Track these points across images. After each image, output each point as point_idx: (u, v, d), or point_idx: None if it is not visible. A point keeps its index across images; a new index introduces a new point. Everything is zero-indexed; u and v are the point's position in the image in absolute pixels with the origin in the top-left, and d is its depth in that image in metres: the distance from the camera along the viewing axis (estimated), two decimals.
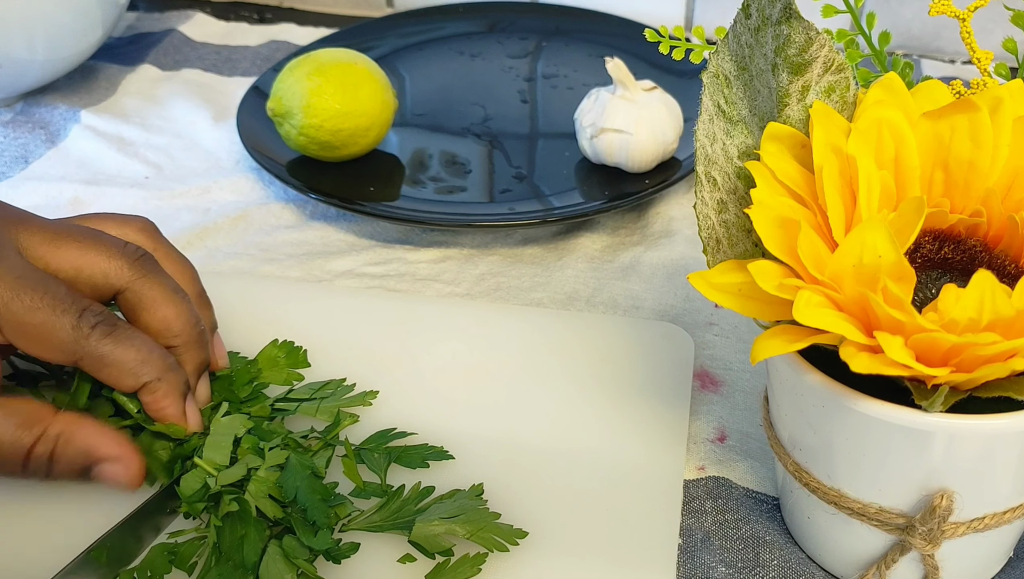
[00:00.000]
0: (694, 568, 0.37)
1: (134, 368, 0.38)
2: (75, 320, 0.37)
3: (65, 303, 0.37)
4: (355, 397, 0.43)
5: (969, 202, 0.33)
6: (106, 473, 0.37)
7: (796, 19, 0.32)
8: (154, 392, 0.38)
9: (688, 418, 0.43)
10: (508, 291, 0.51)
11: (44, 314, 0.36)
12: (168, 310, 0.39)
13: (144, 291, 0.39)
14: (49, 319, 0.36)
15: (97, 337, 0.37)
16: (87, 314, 0.37)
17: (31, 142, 0.64)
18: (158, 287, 0.39)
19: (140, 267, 0.39)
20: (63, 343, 0.37)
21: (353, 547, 0.37)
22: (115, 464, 0.37)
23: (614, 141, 0.55)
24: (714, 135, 0.35)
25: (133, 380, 0.38)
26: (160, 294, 0.39)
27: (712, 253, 0.35)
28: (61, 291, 0.37)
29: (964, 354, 0.28)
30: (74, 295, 0.37)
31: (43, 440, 0.37)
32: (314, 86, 0.55)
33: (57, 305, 0.37)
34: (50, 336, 0.36)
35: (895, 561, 0.34)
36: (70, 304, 0.37)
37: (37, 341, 0.37)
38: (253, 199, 0.59)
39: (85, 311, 0.37)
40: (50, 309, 0.36)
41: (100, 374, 0.38)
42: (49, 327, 0.36)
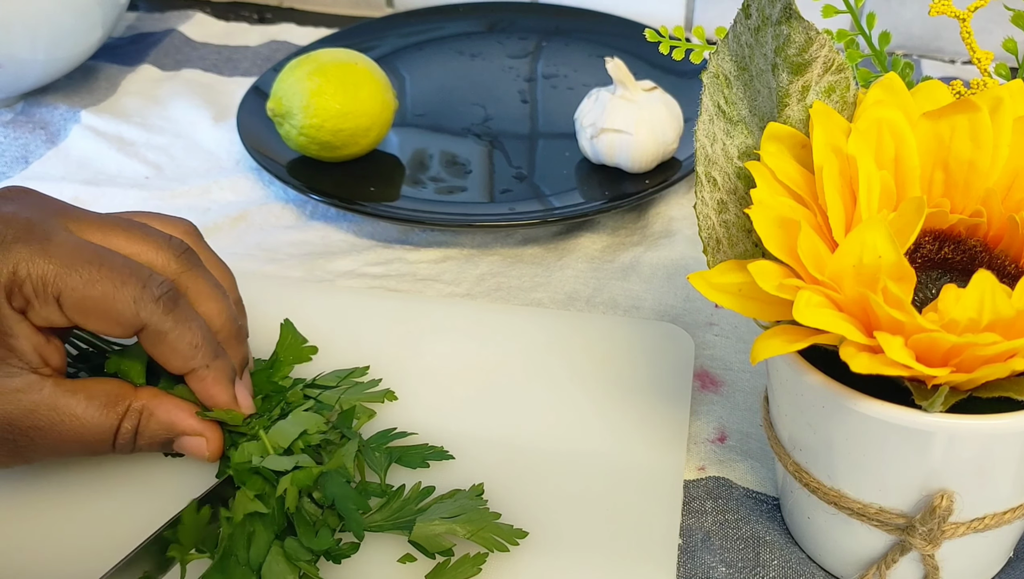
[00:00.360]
0: (694, 568, 0.37)
1: (187, 351, 0.38)
2: (139, 290, 0.36)
3: (125, 273, 0.36)
4: (376, 393, 0.43)
5: (969, 202, 0.33)
6: (188, 446, 0.38)
7: (796, 19, 0.32)
8: (203, 379, 0.38)
9: (688, 418, 0.43)
10: (508, 291, 0.51)
11: (105, 286, 0.36)
12: (211, 305, 0.39)
13: (189, 284, 0.39)
14: (110, 290, 0.36)
15: (162, 309, 0.37)
16: (151, 284, 0.37)
17: (31, 142, 0.64)
18: (202, 282, 0.39)
19: (186, 261, 0.39)
20: (125, 315, 0.36)
21: (353, 547, 0.37)
22: (196, 437, 0.38)
23: (614, 141, 0.55)
24: (714, 135, 0.35)
25: (183, 363, 0.38)
26: (204, 289, 0.39)
27: (712, 253, 0.35)
28: (119, 261, 0.37)
29: (964, 354, 0.28)
30: (135, 265, 0.37)
31: (128, 416, 0.38)
32: (314, 86, 0.55)
33: (117, 276, 0.36)
34: (113, 307, 0.36)
35: (895, 561, 0.34)
36: (130, 274, 0.36)
37: (99, 314, 0.36)
38: (253, 199, 0.59)
39: (149, 280, 0.37)
40: (111, 280, 0.36)
41: (155, 348, 0.37)
42: (111, 298, 0.36)
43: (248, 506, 0.36)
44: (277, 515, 0.36)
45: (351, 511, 0.37)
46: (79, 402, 0.37)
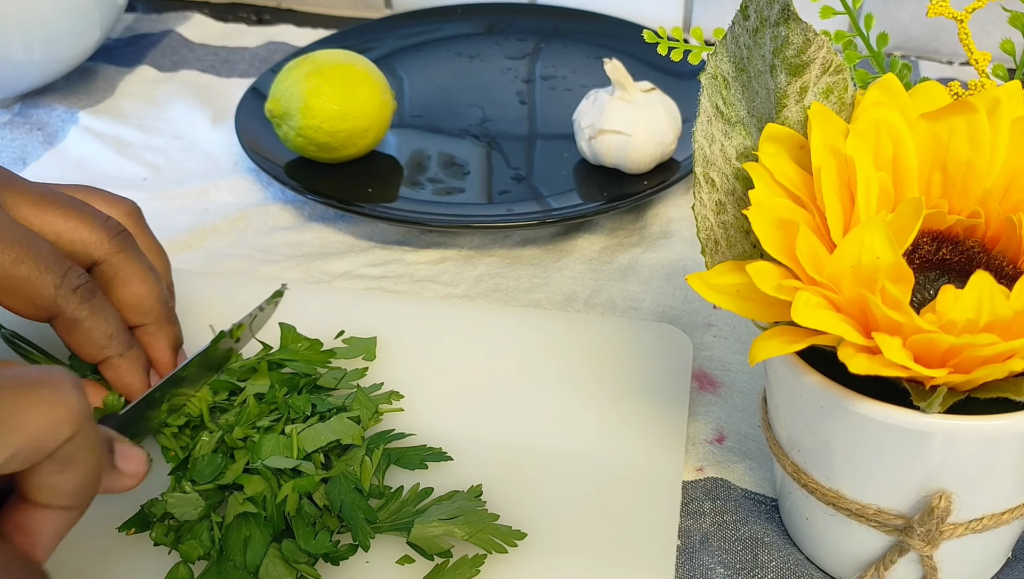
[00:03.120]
0: (693, 569, 0.37)
1: (101, 340, 0.39)
2: (59, 278, 0.37)
3: (49, 260, 0.37)
4: (381, 396, 0.43)
5: (967, 203, 0.33)
6: None
7: (794, 20, 0.32)
8: (116, 368, 0.39)
9: (686, 419, 0.43)
10: (506, 292, 0.51)
11: (28, 268, 0.37)
12: (142, 287, 0.40)
13: (121, 265, 0.40)
14: (33, 274, 0.37)
15: (77, 300, 0.38)
16: (70, 274, 0.38)
17: (29, 143, 0.64)
18: (135, 263, 0.40)
19: (120, 242, 0.40)
20: (43, 299, 0.37)
21: (351, 549, 0.37)
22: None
23: (612, 142, 0.55)
24: (712, 136, 0.35)
25: (97, 352, 0.39)
26: (136, 271, 0.40)
27: (710, 254, 0.35)
28: (45, 248, 0.38)
29: (962, 355, 0.28)
30: (58, 254, 0.38)
31: None
32: (312, 87, 0.55)
33: (42, 261, 0.37)
34: (32, 291, 0.37)
35: (893, 562, 0.34)
36: (54, 262, 0.37)
37: (17, 294, 0.37)
38: (251, 200, 0.59)
39: (69, 271, 0.38)
40: (34, 264, 0.37)
41: (68, 336, 0.38)
42: (32, 282, 0.37)
43: (238, 507, 0.36)
44: (275, 517, 0.36)
45: (359, 520, 0.36)
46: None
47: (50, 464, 0.28)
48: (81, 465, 0.29)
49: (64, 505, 0.29)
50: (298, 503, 0.36)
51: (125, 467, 0.32)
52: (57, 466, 0.28)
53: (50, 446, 0.28)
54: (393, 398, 0.43)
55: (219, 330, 0.43)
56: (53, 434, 0.27)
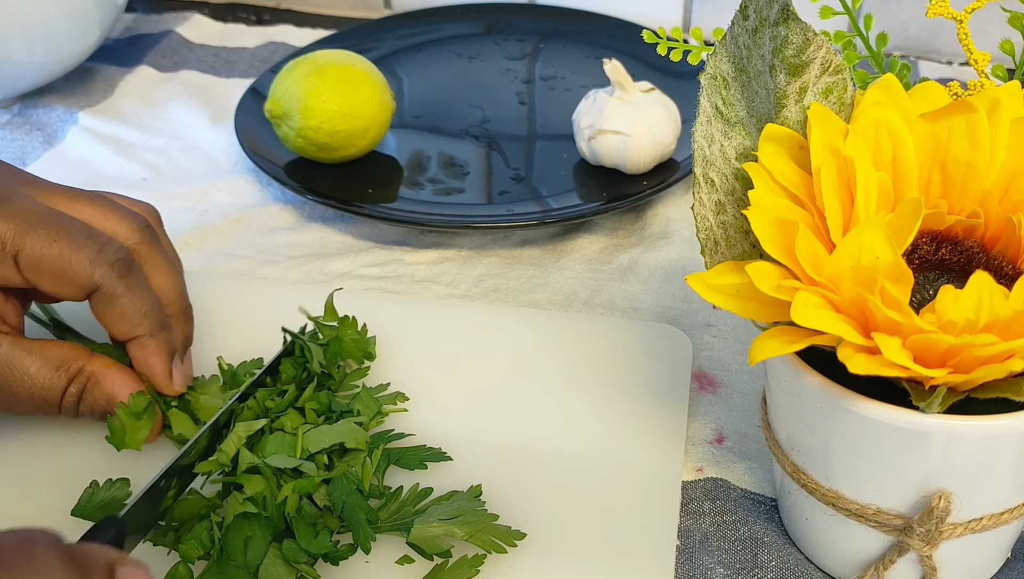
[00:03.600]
0: (692, 569, 0.37)
1: (135, 318, 0.39)
2: (95, 253, 0.37)
3: (83, 236, 0.37)
4: (387, 397, 0.43)
5: (967, 203, 0.33)
6: None
7: (794, 20, 0.32)
8: (144, 347, 0.39)
9: (686, 419, 0.43)
10: (506, 292, 0.51)
11: (62, 246, 0.37)
12: (166, 279, 0.40)
13: (148, 256, 0.40)
14: (66, 251, 0.37)
15: (115, 274, 0.38)
16: (107, 248, 0.38)
17: (28, 144, 0.64)
18: (159, 256, 0.41)
19: (147, 234, 0.40)
20: (79, 276, 0.37)
21: (351, 549, 0.37)
22: None
23: (612, 142, 0.55)
24: (712, 136, 0.35)
25: (129, 329, 0.39)
26: (161, 262, 0.40)
27: (710, 254, 0.35)
28: (78, 225, 0.38)
29: (962, 355, 0.28)
30: (92, 230, 0.38)
31: (76, 381, 0.38)
32: (312, 88, 0.55)
33: (75, 237, 0.37)
34: (67, 268, 0.37)
35: (893, 562, 0.34)
36: (87, 237, 0.37)
37: (53, 274, 0.37)
38: (251, 201, 0.59)
39: (106, 245, 0.38)
40: (68, 241, 0.37)
41: (103, 312, 0.38)
42: (67, 258, 0.37)
43: (238, 507, 0.36)
44: (275, 517, 0.36)
45: (360, 521, 0.36)
46: (33, 361, 0.38)
47: None
48: None
49: None
50: (298, 503, 0.36)
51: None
52: None
53: None
54: (399, 399, 0.43)
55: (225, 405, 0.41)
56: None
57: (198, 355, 0.45)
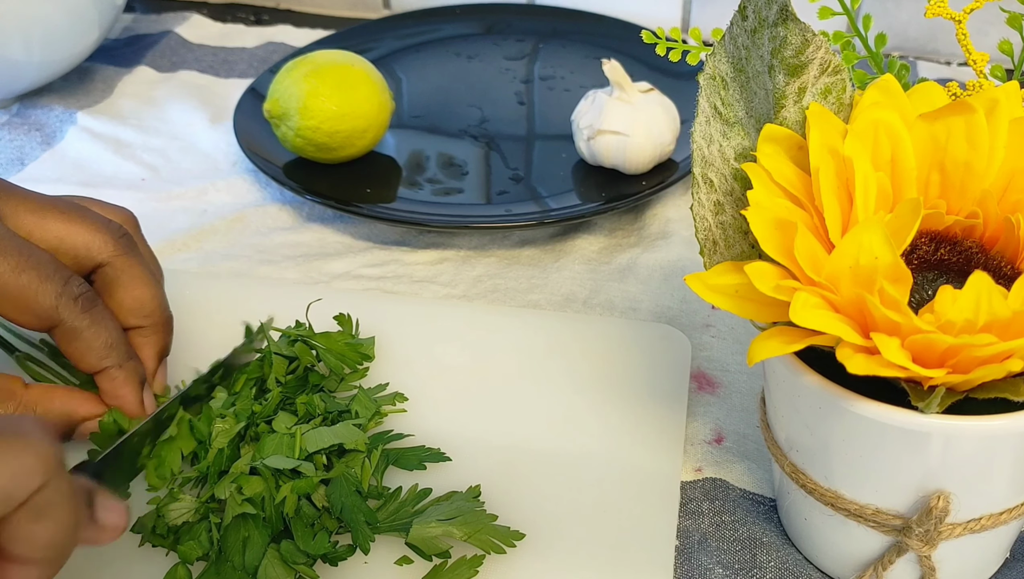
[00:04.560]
0: (691, 570, 0.37)
1: (101, 350, 0.38)
2: (60, 287, 0.37)
3: (50, 269, 0.37)
4: (386, 397, 0.43)
5: (965, 204, 0.33)
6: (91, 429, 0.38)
7: (792, 21, 0.32)
8: (113, 379, 0.39)
9: (685, 420, 0.43)
10: (505, 293, 0.51)
11: (29, 277, 0.37)
12: (144, 290, 0.40)
13: (124, 268, 0.40)
14: (33, 283, 0.37)
15: (78, 309, 0.38)
16: (71, 283, 0.38)
17: (27, 144, 0.64)
18: (137, 266, 0.40)
19: (123, 244, 0.40)
20: (44, 309, 0.37)
21: (349, 550, 0.37)
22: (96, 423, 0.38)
23: (611, 143, 0.55)
24: (711, 137, 0.35)
25: (96, 361, 0.39)
26: (139, 273, 0.40)
27: (709, 255, 0.35)
28: (46, 257, 0.38)
29: (960, 355, 0.28)
30: (58, 263, 0.38)
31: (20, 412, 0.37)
32: (311, 88, 0.55)
33: (42, 270, 0.37)
34: (32, 300, 0.37)
35: (892, 562, 0.34)
36: (54, 271, 0.37)
37: (17, 303, 0.37)
38: (250, 201, 0.59)
39: (70, 280, 0.38)
40: (35, 272, 0.37)
41: (68, 346, 0.38)
42: (33, 291, 0.37)
43: (237, 508, 0.36)
44: (274, 518, 0.36)
45: (359, 523, 0.36)
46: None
47: (23, 514, 0.27)
48: (56, 515, 0.28)
49: (40, 557, 0.28)
50: (297, 504, 0.36)
51: (105, 520, 0.30)
52: (30, 516, 0.27)
53: (20, 495, 0.26)
54: (397, 400, 0.43)
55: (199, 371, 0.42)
56: (23, 483, 0.26)
57: (197, 355, 0.45)
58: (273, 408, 0.41)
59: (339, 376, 0.44)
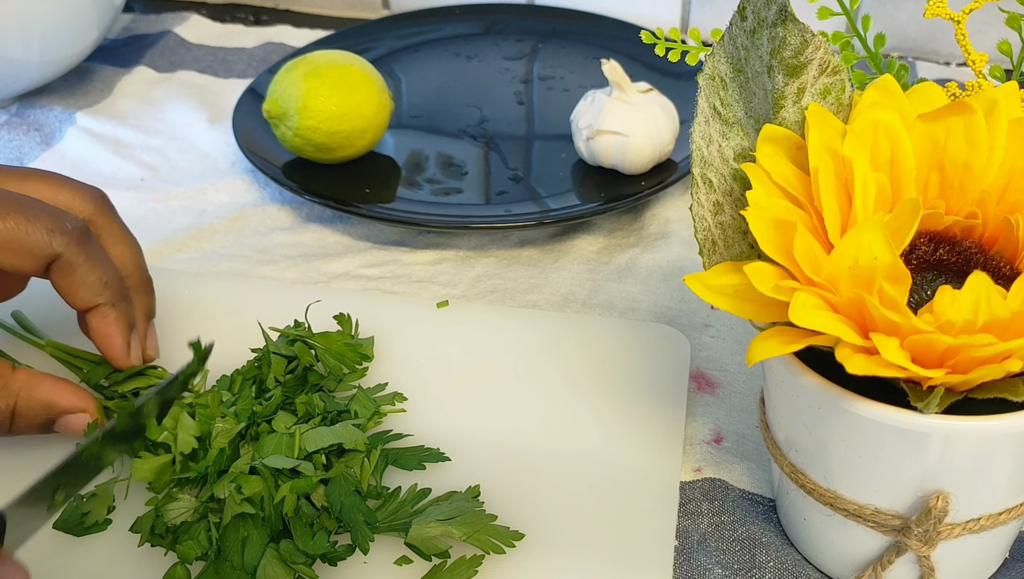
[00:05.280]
0: (690, 570, 0.37)
1: (96, 285, 0.38)
2: (51, 223, 0.37)
3: (37, 209, 0.37)
4: (385, 397, 0.43)
5: (964, 204, 0.33)
6: (71, 424, 0.38)
7: (792, 21, 0.32)
8: (105, 316, 0.39)
9: (684, 420, 0.43)
10: (504, 293, 0.51)
11: (17, 219, 0.36)
12: (123, 249, 0.40)
13: (105, 226, 0.40)
14: (22, 223, 0.37)
15: (73, 242, 0.37)
16: (64, 218, 0.38)
17: (26, 144, 0.64)
18: (116, 226, 0.40)
19: (102, 204, 0.40)
20: (38, 245, 0.37)
21: (349, 550, 0.37)
22: (79, 415, 0.38)
23: (610, 143, 0.55)
24: (710, 137, 0.35)
25: (90, 297, 0.38)
26: (118, 232, 0.40)
27: (708, 255, 0.35)
28: (31, 201, 0.38)
29: (960, 356, 0.28)
30: (47, 205, 0.38)
31: (3, 396, 0.37)
32: (310, 88, 0.55)
33: (29, 210, 0.37)
34: (26, 237, 0.36)
35: (891, 562, 0.34)
36: (42, 210, 0.37)
37: (12, 246, 0.36)
38: (249, 201, 0.59)
39: (62, 215, 0.38)
40: (23, 213, 0.37)
41: (64, 281, 0.38)
42: (23, 230, 0.36)
43: (236, 508, 0.36)
44: (273, 518, 0.36)
45: (359, 523, 0.36)
46: None
47: None
48: None
49: None
50: (296, 504, 0.36)
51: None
52: None
53: None
54: (397, 400, 0.43)
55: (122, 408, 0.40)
56: None
57: None
58: (274, 408, 0.41)
59: (338, 376, 0.44)
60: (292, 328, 0.45)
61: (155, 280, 0.43)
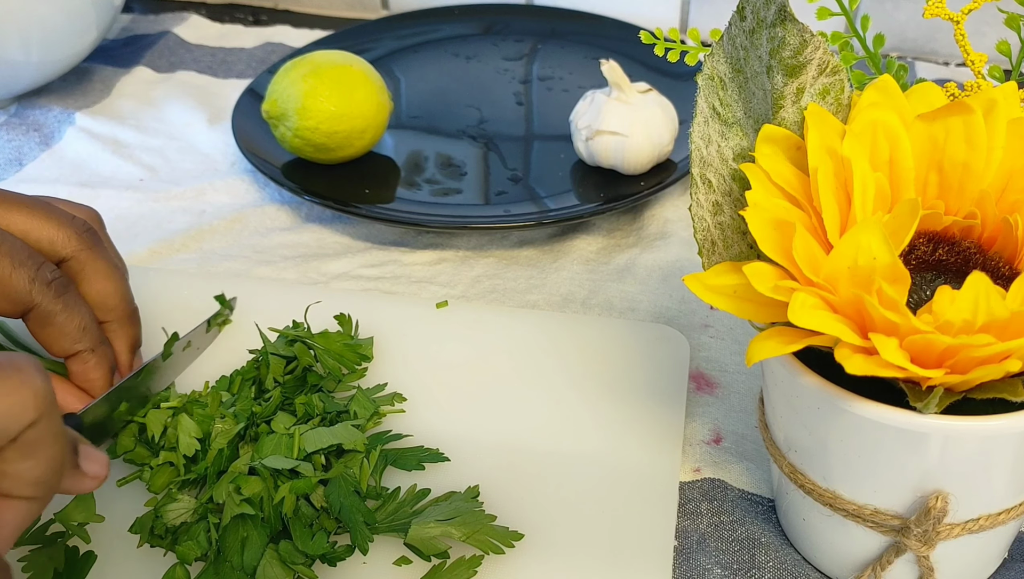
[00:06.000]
0: (690, 570, 0.37)
1: (74, 334, 0.39)
2: (33, 272, 0.38)
3: (23, 255, 0.38)
4: (384, 397, 0.43)
5: (963, 204, 0.33)
6: None
7: (791, 21, 0.32)
8: (85, 362, 0.40)
9: (684, 420, 0.43)
10: (504, 293, 0.51)
11: (3, 263, 0.37)
12: (108, 284, 0.41)
13: (88, 262, 0.40)
14: (6, 268, 0.37)
15: (52, 293, 0.38)
16: (44, 269, 0.38)
17: (25, 144, 0.64)
18: (102, 261, 0.41)
19: (87, 239, 0.40)
20: (17, 293, 0.37)
21: (348, 550, 0.37)
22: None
23: (609, 143, 0.55)
24: (709, 137, 0.35)
25: (69, 345, 0.39)
26: (103, 268, 0.41)
27: (707, 255, 0.35)
28: (17, 244, 0.38)
29: (959, 356, 0.28)
30: (30, 249, 0.38)
31: None
32: (309, 88, 0.55)
33: (15, 255, 0.37)
34: (6, 284, 0.37)
35: (890, 562, 0.34)
36: (27, 257, 0.38)
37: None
38: (248, 201, 0.59)
39: (43, 265, 0.38)
40: (8, 258, 0.37)
41: (41, 330, 0.39)
42: (6, 275, 0.37)
43: (235, 508, 0.36)
44: (272, 518, 0.36)
45: (358, 523, 0.36)
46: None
47: (14, 450, 0.27)
48: (46, 452, 0.28)
49: (27, 495, 0.28)
50: (295, 504, 0.36)
51: (88, 468, 0.31)
52: (21, 452, 0.27)
53: (14, 429, 0.27)
54: (396, 400, 0.43)
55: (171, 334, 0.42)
56: (17, 417, 0.26)
57: None
58: (273, 409, 0.41)
59: (337, 377, 0.44)
60: (291, 328, 0.45)
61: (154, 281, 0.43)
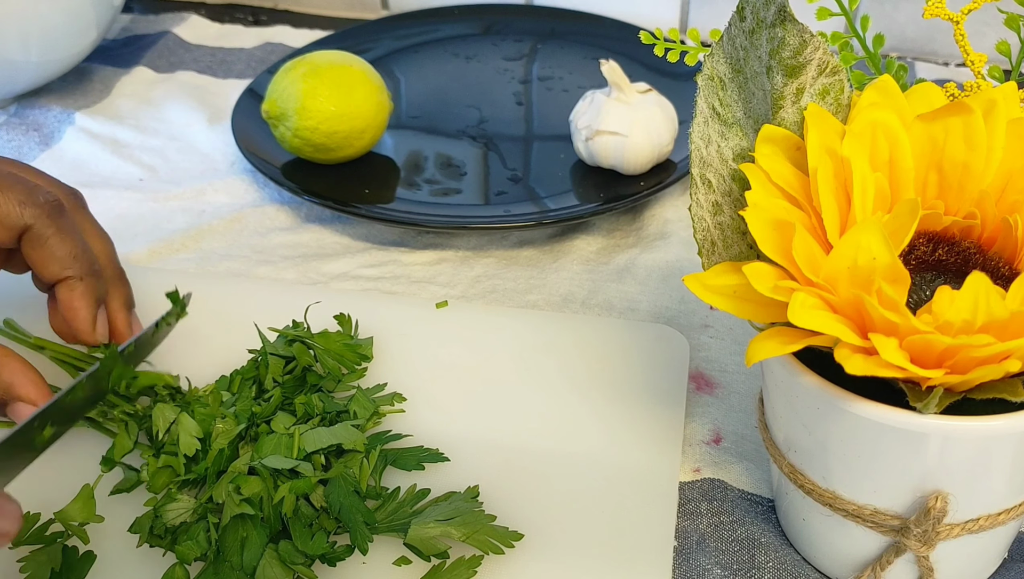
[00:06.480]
0: (690, 570, 0.37)
1: (65, 259, 0.39)
2: (24, 195, 0.38)
3: (11, 180, 0.38)
4: (384, 397, 0.43)
5: (963, 204, 0.33)
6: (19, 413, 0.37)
7: (791, 22, 0.32)
8: (72, 289, 0.39)
9: (683, 420, 0.43)
10: (503, 293, 0.51)
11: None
12: (97, 242, 0.41)
13: (77, 219, 0.40)
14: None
15: (45, 214, 0.38)
16: (36, 192, 0.38)
17: (25, 144, 0.64)
18: (88, 222, 0.41)
19: (76, 199, 0.41)
20: (10, 216, 0.37)
21: (348, 550, 0.37)
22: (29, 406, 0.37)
23: (609, 143, 0.55)
24: (709, 137, 0.35)
25: (59, 270, 0.39)
26: (90, 227, 0.41)
27: (707, 255, 0.35)
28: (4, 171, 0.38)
29: (958, 356, 0.28)
30: (22, 178, 0.38)
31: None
32: (309, 88, 0.55)
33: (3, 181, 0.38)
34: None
35: (890, 562, 0.34)
36: (16, 182, 0.38)
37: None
38: (248, 201, 0.59)
39: (35, 188, 0.38)
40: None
41: (34, 253, 0.38)
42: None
43: (235, 508, 0.36)
44: (272, 518, 0.36)
45: (358, 523, 0.36)
46: None
47: None
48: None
49: None
50: (295, 504, 0.36)
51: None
52: None
53: None
54: (396, 400, 0.43)
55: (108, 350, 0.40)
56: None
57: (194, 356, 0.45)
58: (273, 409, 0.41)
59: (337, 377, 0.44)
60: (291, 328, 0.45)
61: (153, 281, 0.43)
